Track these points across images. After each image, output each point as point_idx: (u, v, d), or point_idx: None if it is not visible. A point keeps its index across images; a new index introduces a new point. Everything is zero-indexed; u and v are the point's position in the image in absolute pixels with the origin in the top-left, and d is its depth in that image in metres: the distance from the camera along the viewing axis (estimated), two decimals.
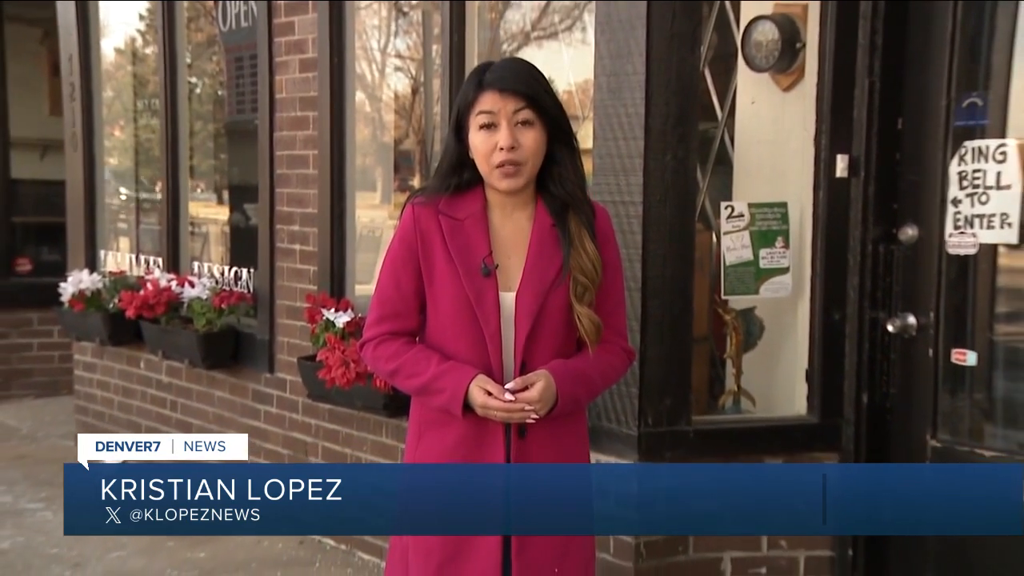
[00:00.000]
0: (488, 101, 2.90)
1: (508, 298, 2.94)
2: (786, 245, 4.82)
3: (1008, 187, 4.27)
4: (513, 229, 2.97)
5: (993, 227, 4.32)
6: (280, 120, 6.34)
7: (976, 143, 4.36)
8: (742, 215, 4.80)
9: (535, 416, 2.88)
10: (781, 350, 4.99)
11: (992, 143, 4.32)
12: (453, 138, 2.98)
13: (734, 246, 4.79)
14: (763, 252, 4.81)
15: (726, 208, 4.80)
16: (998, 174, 4.29)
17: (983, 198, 4.33)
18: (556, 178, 2.99)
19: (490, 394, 2.83)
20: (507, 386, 2.86)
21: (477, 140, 2.91)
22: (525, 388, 2.85)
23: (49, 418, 8.92)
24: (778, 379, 4.99)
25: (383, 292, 3.00)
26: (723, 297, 4.88)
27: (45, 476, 7.38)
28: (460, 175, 2.97)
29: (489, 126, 2.89)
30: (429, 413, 2.97)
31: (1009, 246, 4.37)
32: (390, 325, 2.97)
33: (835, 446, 4.72)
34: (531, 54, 5.40)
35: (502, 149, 2.88)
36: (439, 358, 2.90)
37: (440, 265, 2.91)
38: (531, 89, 2.92)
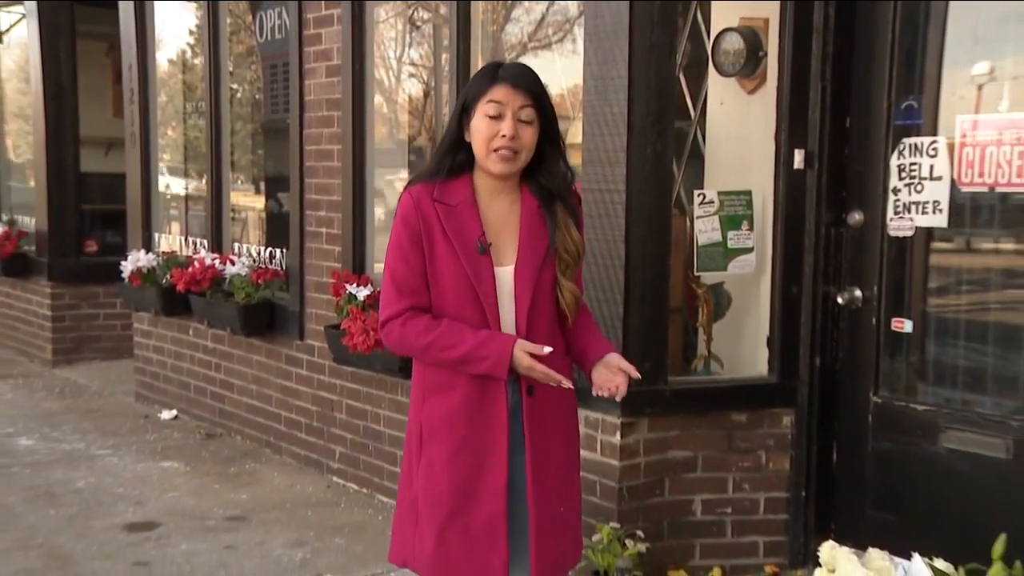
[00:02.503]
0: (500, 93, 2.87)
1: (502, 273, 2.93)
2: (750, 228, 4.82)
3: (939, 178, 4.27)
4: (499, 211, 2.94)
5: (927, 213, 4.32)
6: (309, 119, 6.33)
7: (913, 140, 4.36)
8: (712, 201, 4.80)
9: (568, 385, 2.91)
10: (746, 319, 4.98)
11: (926, 140, 4.32)
12: (456, 121, 2.95)
13: (705, 229, 4.79)
14: (730, 234, 4.81)
15: (698, 195, 4.80)
16: (931, 167, 4.29)
17: (919, 187, 4.33)
18: (546, 172, 2.99)
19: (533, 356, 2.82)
20: (546, 349, 2.85)
21: (483, 125, 2.88)
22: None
23: (114, 378, 8.94)
24: (743, 345, 4.98)
25: (396, 272, 2.91)
26: (696, 273, 4.89)
27: (111, 427, 7.45)
28: (454, 156, 2.94)
29: (496, 116, 2.86)
30: (434, 379, 2.91)
31: (940, 229, 4.35)
32: (409, 301, 2.88)
33: (792, 403, 4.72)
34: (528, 61, 5.33)
35: (504, 136, 2.86)
36: (471, 330, 2.83)
37: (440, 246, 2.86)
38: (538, 90, 2.92)
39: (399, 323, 2.87)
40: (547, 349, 2.85)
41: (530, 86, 2.91)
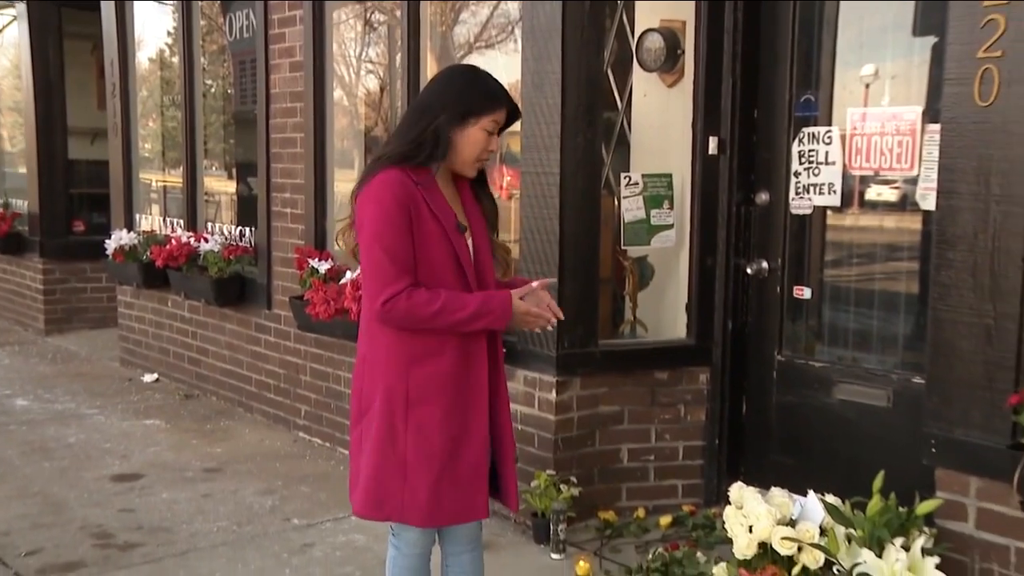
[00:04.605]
0: (501, 114, 2.87)
1: (469, 244, 2.92)
2: (671, 207, 4.83)
3: (833, 163, 4.32)
4: (449, 194, 2.91)
5: (823, 194, 4.37)
6: (274, 110, 6.27)
7: (811, 129, 4.40)
8: (637, 183, 4.81)
9: (553, 324, 2.96)
10: (667, 288, 5.00)
11: (822, 129, 4.36)
12: (450, 121, 2.82)
13: (631, 208, 4.80)
14: (653, 212, 4.83)
15: (625, 178, 4.81)
16: (826, 153, 4.34)
17: (816, 171, 4.37)
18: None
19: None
20: (533, 284, 2.91)
21: (480, 137, 2.85)
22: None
23: (100, 345, 8.87)
24: (665, 311, 5.01)
25: (393, 249, 2.75)
26: (623, 247, 4.90)
27: (99, 389, 7.40)
28: (435, 148, 2.82)
29: (490, 132, 2.86)
30: (421, 348, 2.82)
31: (834, 208, 4.41)
32: (409, 277, 2.76)
33: (707, 362, 4.77)
34: (473, 59, 5.35)
35: (491, 151, 2.90)
36: (467, 294, 2.82)
37: (429, 224, 2.79)
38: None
39: (404, 296, 2.75)
40: (535, 284, 2.91)
41: (518, 116, 2.98)
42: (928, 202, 3.82)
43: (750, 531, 3.40)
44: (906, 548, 3.12)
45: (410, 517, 2.88)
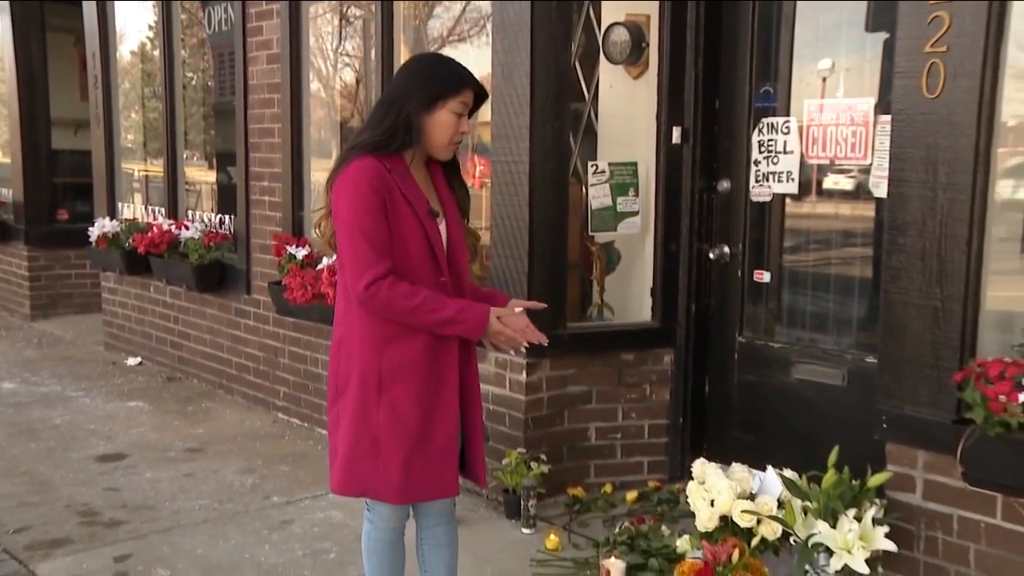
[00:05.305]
0: (468, 95, 2.86)
1: (441, 229, 2.91)
2: (636, 194, 4.85)
3: (791, 152, 4.35)
4: (422, 180, 2.91)
5: (782, 182, 4.40)
6: (252, 101, 6.25)
7: (770, 120, 4.43)
8: (604, 171, 4.82)
9: (525, 347, 2.97)
10: (633, 273, 5.02)
11: (780, 120, 4.39)
12: (420, 107, 2.81)
13: (598, 195, 4.81)
14: (619, 199, 4.84)
15: (592, 166, 4.81)
16: (785, 143, 4.37)
17: (775, 160, 4.41)
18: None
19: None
20: (517, 309, 2.89)
21: (449, 120, 2.83)
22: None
23: (85, 329, 8.81)
24: (631, 294, 5.02)
25: (371, 234, 2.74)
26: (590, 233, 4.91)
27: (84, 372, 7.37)
28: (407, 135, 2.81)
29: (460, 114, 2.85)
30: (395, 330, 2.81)
31: (792, 196, 4.45)
32: (388, 261, 2.75)
33: (671, 343, 4.80)
34: (448, 52, 5.35)
35: (463, 133, 2.88)
36: (448, 298, 2.81)
37: (403, 209, 2.78)
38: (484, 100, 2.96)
39: (386, 286, 2.74)
40: (518, 310, 2.90)
41: (486, 96, 2.95)
42: (880, 190, 3.85)
43: (712, 505, 3.46)
44: (858, 519, 3.18)
45: (383, 494, 2.89)
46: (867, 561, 3.14)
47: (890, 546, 3.17)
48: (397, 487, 2.87)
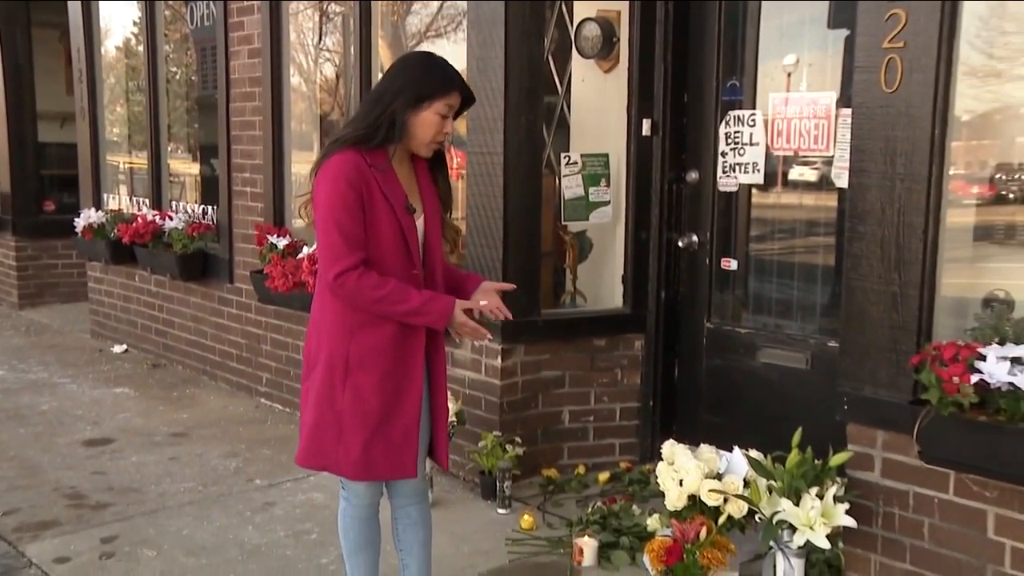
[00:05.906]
0: (455, 98, 2.86)
1: (418, 224, 2.93)
2: (608, 185, 4.86)
3: (757, 144, 4.37)
4: (404, 175, 2.92)
5: (748, 172, 4.43)
6: (234, 95, 6.22)
7: (736, 112, 4.45)
8: (576, 163, 4.83)
9: (489, 338, 3.05)
10: (605, 261, 5.04)
11: (746, 113, 4.42)
12: (406, 105, 2.81)
13: (571, 185, 4.82)
14: (592, 190, 4.85)
15: (565, 157, 4.82)
16: (750, 135, 4.39)
17: (741, 151, 4.43)
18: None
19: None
20: (481, 303, 2.93)
21: (434, 120, 2.84)
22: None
23: (72, 318, 8.78)
24: (603, 282, 5.05)
25: (345, 227, 2.76)
26: (563, 223, 4.92)
27: (71, 359, 7.35)
28: (390, 131, 2.81)
29: (444, 116, 2.85)
30: (363, 317, 2.84)
31: (758, 186, 4.48)
32: (359, 253, 2.77)
33: (642, 329, 4.83)
34: (425, 47, 5.34)
35: (446, 133, 2.89)
36: (415, 290, 2.82)
37: (380, 204, 2.79)
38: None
39: (355, 276, 2.76)
40: (483, 303, 2.93)
41: (472, 100, 2.96)
42: (842, 180, 3.89)
43: (681, 485, 3.49)
44: (820, 496, 3.22)
45: (343, 470, 2.93)
46: (828, 537, 3.18)
47: (850, 522, 3.21)
48: (356, 465, 2.90)
